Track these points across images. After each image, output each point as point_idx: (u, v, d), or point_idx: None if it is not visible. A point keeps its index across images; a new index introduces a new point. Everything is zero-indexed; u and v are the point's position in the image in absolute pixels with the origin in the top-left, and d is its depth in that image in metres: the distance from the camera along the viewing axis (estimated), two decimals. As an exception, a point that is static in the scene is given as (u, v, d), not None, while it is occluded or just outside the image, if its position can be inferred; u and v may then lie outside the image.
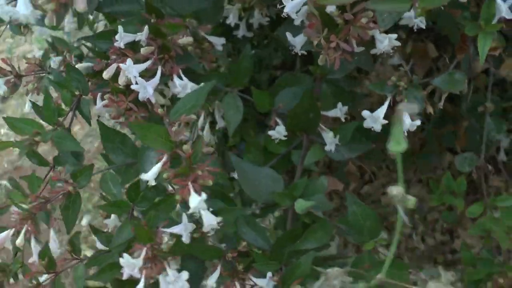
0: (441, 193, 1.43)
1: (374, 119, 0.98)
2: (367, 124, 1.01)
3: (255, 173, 1.04)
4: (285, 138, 1.09)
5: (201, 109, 1.37)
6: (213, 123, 1.43)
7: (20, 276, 1.06)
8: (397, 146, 0.52)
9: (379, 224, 0.88)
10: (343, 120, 1.11)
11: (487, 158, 1.72)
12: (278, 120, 1.10)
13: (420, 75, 1.52)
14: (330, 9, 0.88)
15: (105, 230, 1.12)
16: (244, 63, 1.11)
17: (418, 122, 0.97)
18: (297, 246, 0.93)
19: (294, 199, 1.01)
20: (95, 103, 1.06)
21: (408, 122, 0.97)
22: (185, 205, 0.75)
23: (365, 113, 0.99)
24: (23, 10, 0.83)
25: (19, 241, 0.90)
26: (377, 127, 0.99)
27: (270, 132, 1.09)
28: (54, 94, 1.10)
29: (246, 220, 0.98)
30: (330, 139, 1.07)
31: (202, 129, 1.38)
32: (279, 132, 1.08)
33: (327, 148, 1.08)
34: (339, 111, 1.10)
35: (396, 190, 0.51)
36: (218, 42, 1.11)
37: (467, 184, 1.45)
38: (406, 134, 0.99)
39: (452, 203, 1.44)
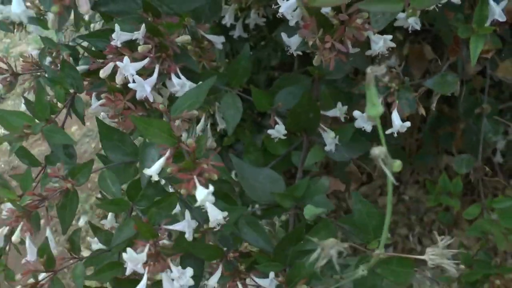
0: (438, 194, 1.43)
1: (365, 120, 0.98)
2: (358, 124, 1.01)
3: (254, 174, 1.04)
4: (285, 137, 1.08)
5: (201, 111, 1.37)
6: (213, 125, 1.42)
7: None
8: (373, 109, 0.52)
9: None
10: (342, 120, 1.10)
11: (483, 159, 1.73)
12: (278, 120, 1.09)
13: (417, 77, 1.52)
14: (325, 9, 0.88)
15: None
16: (243, 63, 1.10)
17: (408, 124, 0.97)
18: (301, 246, 0.92)
19: (295, 200, 1.01)
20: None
21: (399, 123, 0.97)
22: (190, 200, 0.74)
23: (356, 113, 0.99)
24: (15, 8, 0.82)
25: (15, 238, 0.88)
26: (368, 127, 0.99)
27: (270, 131, 1.08)
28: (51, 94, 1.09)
29: (247, 220, 0.97)
30: (330, 139, 1.07)
31: (203, 131, 1.37)
32: (278, 131, 1.08)
33: (327, 148, 1.08)
34: (339, 111, 1.09)
35: (378, 150, 0.51)
36: (218, 40, 1.11)
37: (464, 185, 1.45)
38: (396, 135, 0.99)
39: (448, 203, 1.44)
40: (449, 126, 1.69)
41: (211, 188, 0.72)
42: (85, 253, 1.63)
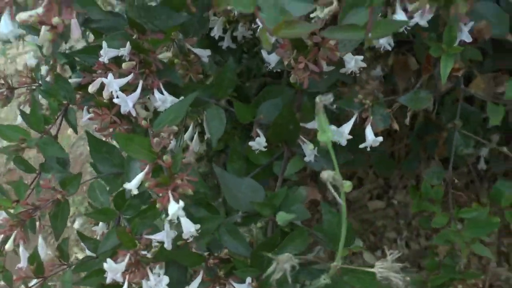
0: (420, 200, 1.47)
1: (340, 134, 1.03)
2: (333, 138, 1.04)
3: (236, 184, 1.07)
4: (265, 149, 1.13)
5: (189, 120, 1.42)
6: (201, 133, 1.47)
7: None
8: (323, 135, 0.57)
9: (353, 232, 0.93)
10: (320, 132, 1.14)
11: (468, 166, 1.77)
12: (259, 132, 1.13)
13: (402, 87, 1.56)
14: (300, 31, 0.93)
15: (95, 237, 1.16)
16: (228, 75, 1.14)
17: (380, 139, 1.02)
18: (276, 253, 0.96)
19: (274, 208, 1.05)
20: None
21: (372, 138, 1.02)
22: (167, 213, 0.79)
23: (332, 127, 1.03)
24: (3, 28, 0.85)
25: (8, 246, 0.93)
26: (343, 142, 1.04)
27: (251, 143, 1.12)
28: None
29: (227, 229, 1.02)
30: (309, 151, 1.11)
31: (191, 139, 1.42)
32: (259, 143, 1.12)
33: (306, 159, 1.12)
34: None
35: (327, 174, 0.56)
36: (204, 54, 1.15)
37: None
38: (369, 148, 1.03)
39: (430, 209, 1.48)
40: (436, 133, 1.73)
41: (181, 203, 0.77)
42: (80, 255, 1.67)
